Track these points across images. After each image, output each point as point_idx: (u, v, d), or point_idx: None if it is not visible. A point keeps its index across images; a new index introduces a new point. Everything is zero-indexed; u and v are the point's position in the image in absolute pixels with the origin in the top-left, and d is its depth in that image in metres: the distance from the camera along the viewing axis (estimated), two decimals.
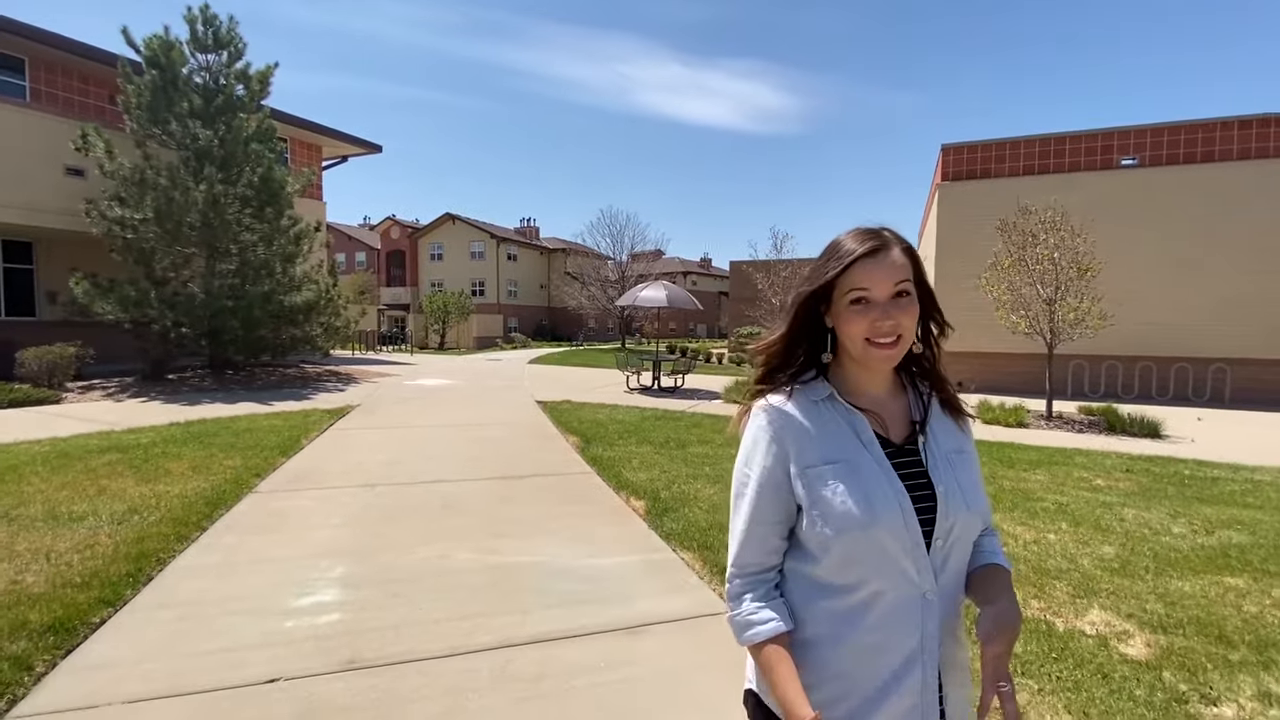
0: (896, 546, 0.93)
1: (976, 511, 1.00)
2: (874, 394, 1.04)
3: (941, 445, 1.03)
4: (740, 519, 1.01)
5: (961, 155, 14.21)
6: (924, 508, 0.96)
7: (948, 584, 0.98)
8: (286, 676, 2.42)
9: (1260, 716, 2.34)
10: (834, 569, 0.96)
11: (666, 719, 2.23)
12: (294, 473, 5.51)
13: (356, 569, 3.47)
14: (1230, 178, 12.26)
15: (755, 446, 1.01)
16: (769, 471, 0.98)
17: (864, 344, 0.97)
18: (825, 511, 0.94)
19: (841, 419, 1.00)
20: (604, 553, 3.82)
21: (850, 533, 0.93)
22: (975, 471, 1.04)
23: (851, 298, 0.97)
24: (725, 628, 2.71)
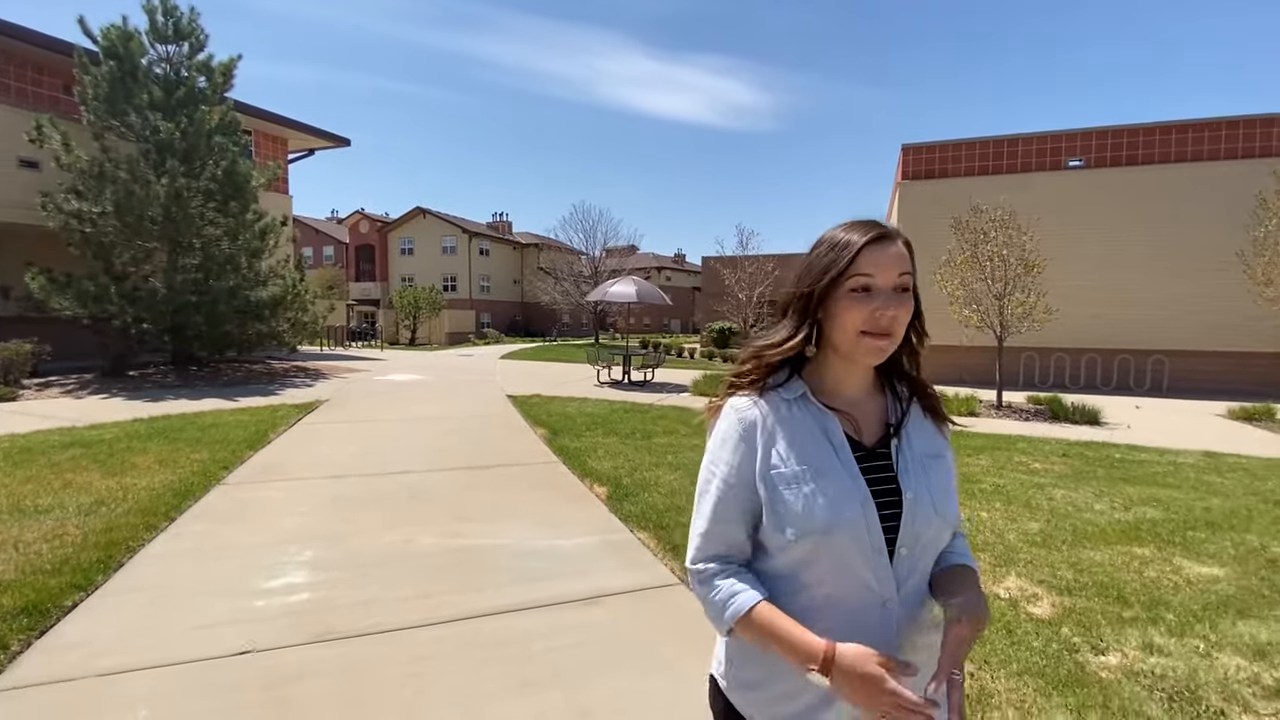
0: (856, 552, 0.92)
1: (946, 519, 0.98)
2: (850, 394, 1.02)
3: (916, 449, 1.00)
4: (703, 516, 0.99)
5: (920, 155, 14.68)
6: (893, 513, 0.94)
7: (911, 593, 0.96)
8: (259, 648, 2.57)
9: (1140, 663, 2.64)
10: (792, 568, 0.95)
11: (617, 675, 2.45)
12: (262, 465, 5.59)
13: (325, 553, 3.61)
14: (1169, 179, 12.92)
15: (723, 444, 1.00)
16: (735, 470, 0.97)
17: (856, 336, 0.95)
18: (785, 514, 0.93)
19: (813, 419, 0.98)
20: (565, 534, 4.02)
21: (809, 536, 0.91)
22: (950, 478, 1.02)
23: (853, 285, 0.94)
24: (675, 597, 2.95)
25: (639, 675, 2.45)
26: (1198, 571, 3.72)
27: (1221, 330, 12.59)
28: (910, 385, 1.05)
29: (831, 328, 0.97)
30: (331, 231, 54.29)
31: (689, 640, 2.73)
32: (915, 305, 0.99)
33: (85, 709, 2.17)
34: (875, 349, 0.94)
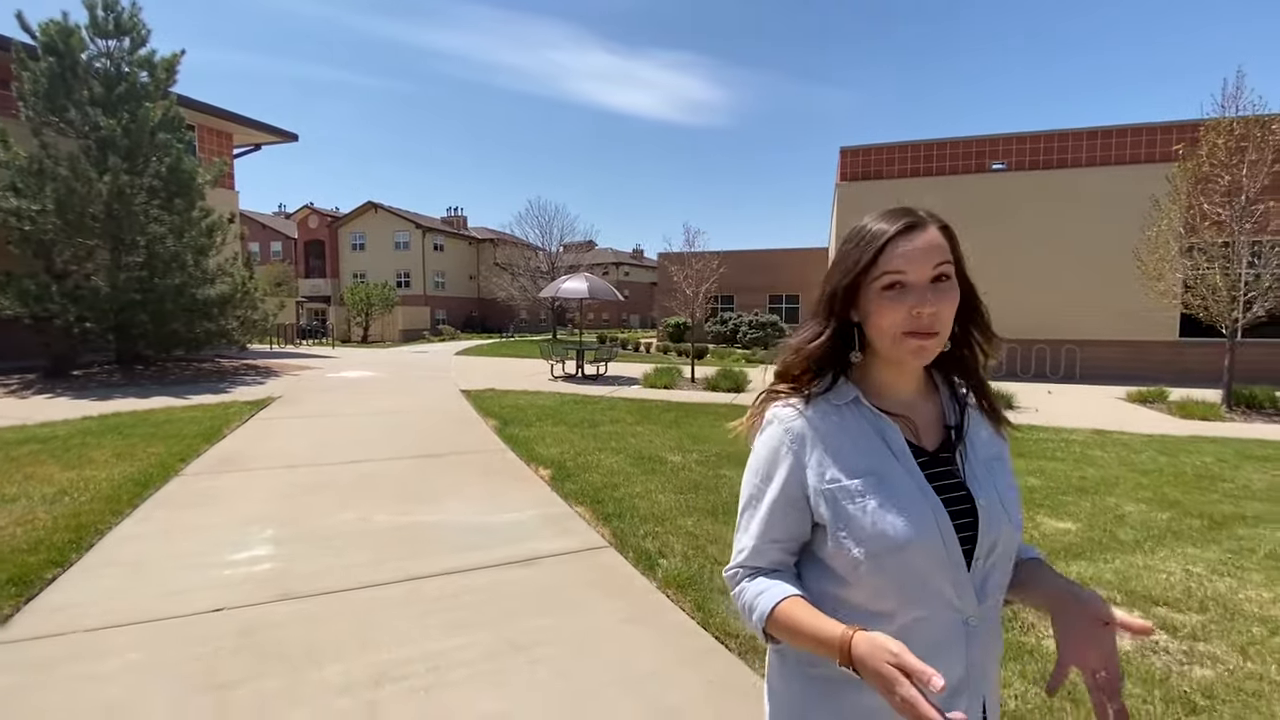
0: (934, 568, 0.85)
1: (1017, 523, 0.91)
2: (903, 397, 0.95)
3: (979, 453, 0.93)
4: (748, 533, 0.94)
5: (858, 157, 15.50)
6: (962, 523, 0.87)
7: (990, 606, 0.89)
8: (229, 606, 2.92)
9: None
10: (867, 594, 0.87)
11: (541, 618, 2.89)
12: (218, 457, 5.82)
13: (283, 531, 3.94)
14: (1079, 182, 14.03)
15: (770, 458, 0.92)
16: (783, 486, 0.90)
17: (898, 337, 0.87)
18: (853, 532, 0.85)
19: (869, 426, 0.91)
20: (508, 510, 4.44)
21: (882, 555, 0.84)
22: (1014, 479, 0.95)
23: (884, 283, 0.87)
24: (600, 557, 3.46)
25: (560, 617, 2.91)
26: (1054, 526, 4.39)
27: (1126, 321, 13.77)
28: (967, 383, 0.98)
29: (871, 330, 0.90)
30: (279, 227, 52.82)
31: (605, 589, 3.21)
32: (970, 295, 0.93)
33: (80, 656, 2.50)
34: (919, 350, 0.87)
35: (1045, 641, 2.70)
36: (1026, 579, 0.93)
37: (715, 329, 29.38)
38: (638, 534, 3.90)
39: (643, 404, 9.90)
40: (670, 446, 6.63)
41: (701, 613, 2.90)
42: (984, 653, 0.88)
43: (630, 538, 3.85)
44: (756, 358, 20.50)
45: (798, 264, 29.61)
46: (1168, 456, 6.64)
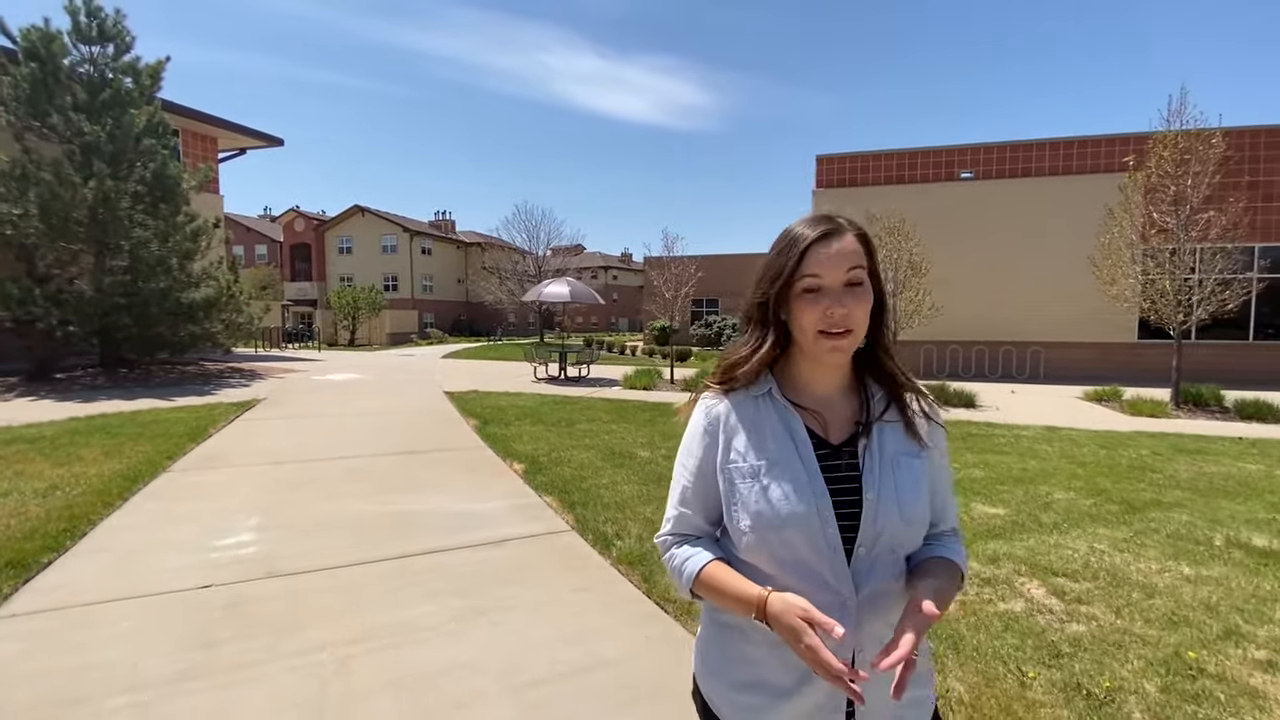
0: (810, 549, 0.92)
1: (911, 520, 0.96)
2: (821, 393, 1.01)
3: (888, 449, 0.98)
4: (671, 503, 1.05)
5: (833, 165, 15.95)
6: (849, 512, 0.94)
7: (875, 593, 0.94)
8: (217, 583, 3.20)
9: None
10: (757, 560, 0.96)
11: (507, 589, 3.20)
12: (205, 455, 6.05)
13: (269, 519, 4.21)
14: (1043, 190, 14.57)
15: (691, 438, 1.04)
16: (700, 463, 1.01)
17: (815, 335, 0.94)
18: (742, 506, 0.95)
19: (777, 416, 0.98)
20: (483, 500, 4.74)
21: (764, 530, 0.93)
22: (921, 478, 0.98)
23: (804, 286, 0.94)
24: (563, 540, 3.80)
25: (521, 588, 3.21)
26: (985, 511, 4.76)
27: (1087, 324, 14.30)
28: (887, 384, 1.02)
29: (793, 328, 0.97)
30: (264, 230, 52.60)
31: (565, 565, 3.52)
32: (878, 298, 0.98)
33: (79, 626, 2.77)
34: (833, 348, 0.94)
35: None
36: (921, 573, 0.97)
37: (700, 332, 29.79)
38: (599, 519, 4.22)
39: (620, 404, 10.21)
40: (641, 443, 6.95)
41: (647, 584, 3.22)
42: (865, 636, 0.92)
43: (592, 522, 4.16)
44: None
45: None
46: (1107, 450, 7.06)
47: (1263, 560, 3.81)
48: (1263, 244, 13.89)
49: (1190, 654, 2.63)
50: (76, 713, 2.15)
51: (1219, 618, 3.00)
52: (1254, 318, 14.11)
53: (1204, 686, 2.42)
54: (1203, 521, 4.57)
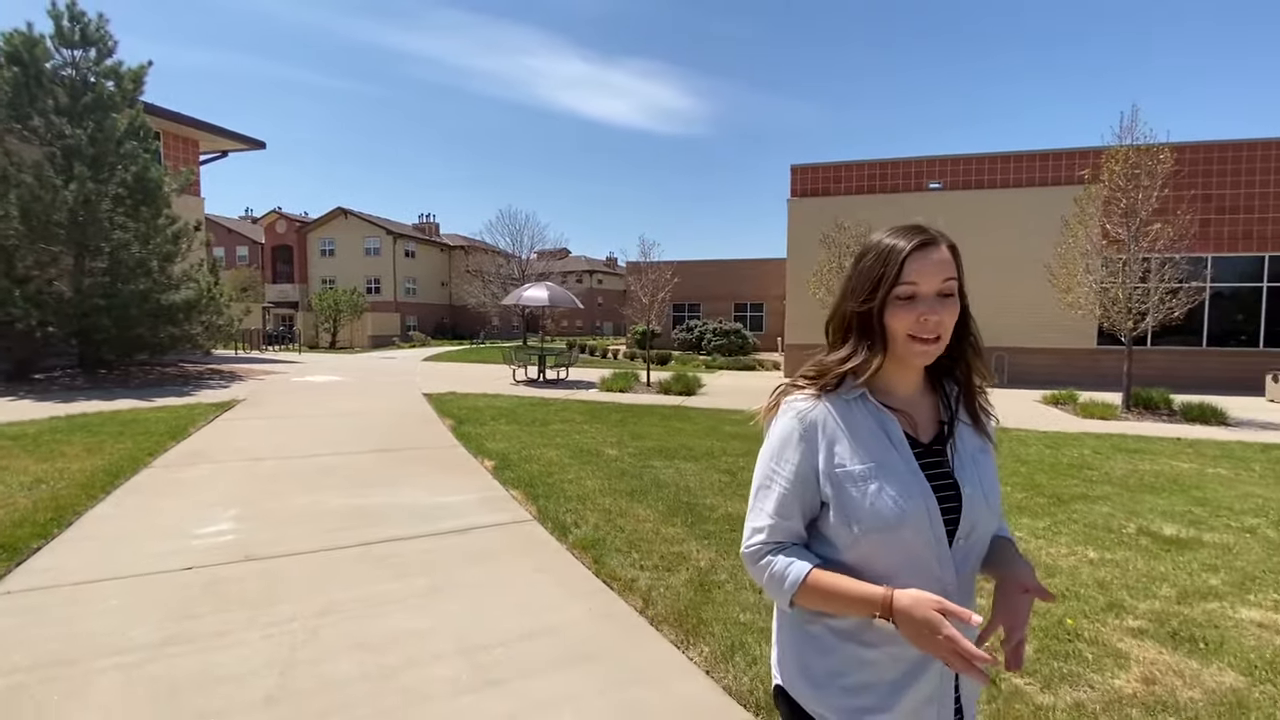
0: (920, 543, 0.96)
1: (994, 509, 1.03)
2: (904, 394, 1.05)
3: (967, 445, 1.05)
4: (764, 511, 1.02)
5: (808, 174, 16.40)
6: (947, 506, 0.99)
7: (966, 578, 1.01)
8: (198, 566, 3.44)
9: None
10: (859, 562, 0.98)
11: (468, 570, 3.47)
12: (185, 452, 6.25)
13: (247, 510, 4.45)
14: (1006, 201, 15.11)
15: (785, 443, 1.02)
16: (797, 469, 1.00)
17: (905, 339, 0.98)
18: (853, 512, 0.96)
19: (872, 418, 1.01)
20: (452, 494, 5.00)
21: (878, 533, 0.95)
22: (995, 470, 1.07)
23: (899, 293, 0.98)
24: (525, 529, 4.10)
25: (481, 569, 3.50)
26: None
27: (1049, 330, 14.84)
28: (958, 386, 1.08)
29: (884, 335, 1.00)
30: (245, 231, 52.24)
31: (523, 550, 3.81)
32: (966, 310, 1.04)
33: (69, 602, 3.00)
34: (923, 353, 0.98)
35: None
36: (990, 553, 1.07)
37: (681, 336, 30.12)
38: (560, 511, 4.50)
39: (595, 406, 10.49)
40: (610, 442, 7.24)
41: (597, 564, 3.52)
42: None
43: (553, 513, 4.45)
44: (716, 363, 21.26)
45: (760, 274, 30.55)
46: (1052, 450, 7.47)
47: (1166, 546, 4.19)
48: (1215, 254, 14.52)
49: (1069, 621, 2.98)
50: (70, 671, 2.40)
51: (1108, 593, 3.36)
52: (1207, 325, 14.73)
53: (1075, 648, 2.76)
54: (1122, 513, 4.95)
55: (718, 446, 7.12)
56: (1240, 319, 14.72)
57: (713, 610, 2.97)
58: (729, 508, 4.71)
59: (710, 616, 2.90)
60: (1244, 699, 2.41)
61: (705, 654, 2.62)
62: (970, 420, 1.07)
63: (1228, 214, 14.39)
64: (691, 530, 4.18)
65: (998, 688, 2.42)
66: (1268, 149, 14.16)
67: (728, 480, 5.58)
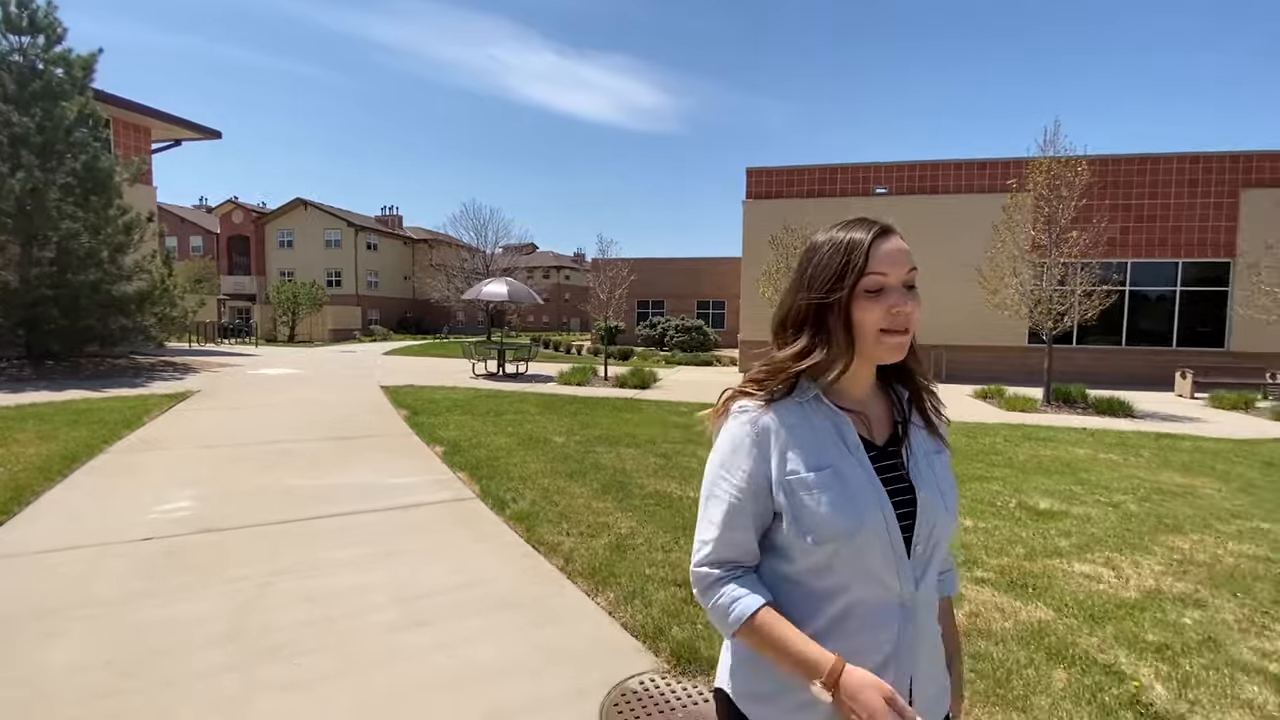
0: (877, 553, 0.91)
1: (954, 514, 0.99)
2: (858, 394, 1.01)
3: (921, 446, 1.01)
4: (713, 523, 0.96)
5: (762, 177, 17.01)
6: (903, 511, 0.94)
7: (925, 589, 0.97)
8: (156, 537, 3.74)
9: None
10: (813, 573, 0.94)
11: (412, 539, 3.84)
12: (140, 440, 6.42)
13: (203, 490, 4.72)
14: (945, 206, 15.96)
15: (735, 450, 0.96)
16: (749, 477, 0.94)
17: (876, 334, 0.93)
18: (808, 520, 0.91)
19: (827, 420, 0.96)
20: (401, 476, 5.34)
21: (833, 542, 0.90)
22: (950, 472, 1.03)
23: (867, 285, 0.93)
24: (467, 505, 4.50)
25: (424, 538, 3.87)
26: None
27: (984, 329, 15.74)
28: (909, 385, 1.05)
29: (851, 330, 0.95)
30: (200, 221, 50.75)
31: (463, 522, 4.21)
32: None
33: (38, 568, 3.28)
34: (896, 346, 0.94)
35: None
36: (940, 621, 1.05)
37: (645, 332, 30.60)
38: (501, 489, 4.89)
39: (551, 398, 10.86)
40: (559, 431, 7.64)
41: (529, 533, 3.93)
42: (916, 633, 0.94)
43: (494, 491, 4.83)
44: (675, 359, 21.81)
45: (722, 272, 31.19)
46: (968, 438, 8.14)
47: (1035, 517, 4.79)
48: (1134, 259, 15.62)
49: None
50: (46, 620, 2.71)
51: (968, 553, 3.91)
52: (1126, 326, 15.84)
53: None
54: (1008, 490, 5.58)
55: (660, 435, 7.58)
56: (1156, 320, 15.87)
57: (623, 566, 3.41)
58: (657, 486, 5.17)
59: (620, 571, 3.34)
60: (1047, 627, 2.95)
61: (610, 599, 3.06)
62: (923, 423, 1.04)
63: (1145, 222, 15.50)
64: (619, 504, 4.62)
65: None
66: (1181, 162, 15.30)
67: (663, 463, 6.04)
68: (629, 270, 14.10)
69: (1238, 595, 3.35)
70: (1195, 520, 4.80)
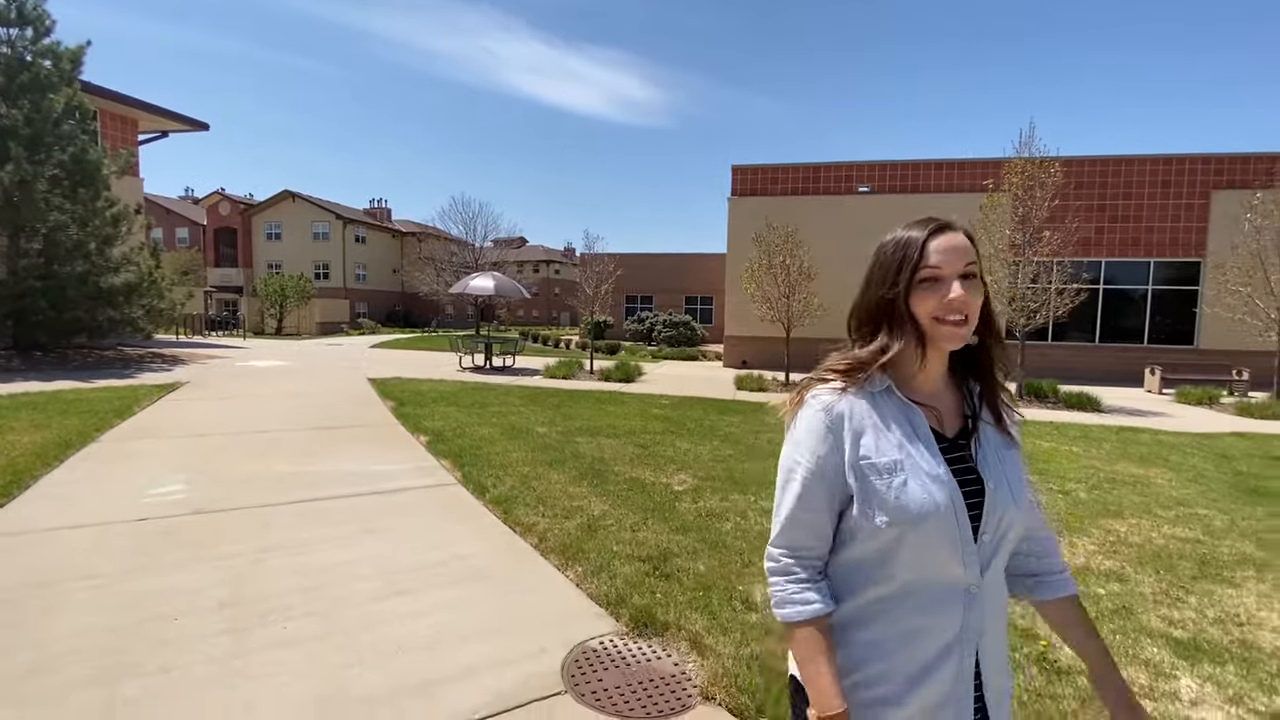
0: (945, 539, 0.95)
1: (1021, 505, 1.01)
2: (929, 389, 1.05)
3: (991, 441, 1.04)
4: (788, 505, 1.01)
5: (747, 175, 17.24)
6: (972, 502, 0.98)
7: (993, 577, 1.00)
8: (153, 517, 3.94)
9: (724, 501, 4.62)
10: (878, 554, 0.98)
11: (394, 519, 4.06)
12: (133, 429, 6.58)
13: (195, 476, 4.91)
14: (929, 206, 16.24)
15: (810, 435, 1.00)
16: (824, 461, 0.99)
17: (932, 322, 0.98)
18: (879, 505, 0.95)
19: (899, 412, 1.01)
20: (388, 463, 5.55)
21: (901, 525, 0.94)
22: (1021, 467, 1.05)
23: (922, 277, 0.98)
24: (448, 489, 4.74)
25: (406, 519, 4.10)
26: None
27: None
28: (980, 381, 1.07)
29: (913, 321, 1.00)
30: (186, 212, 50.31)
31: (445, 505, 4.43)
32: (987, 300, 1.02)
33: (39, 544, 3.47)
34: (951, 334, 0.98)
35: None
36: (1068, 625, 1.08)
37: (633, 327, 30.82)
38: (482, 476, 5.12)
39: (535, 391, 11.07)
40: (542, 422, 7.86)
41: (506, 515, 4.17)
42: (982, 617, 0.98)
43: (475, 477, 5.06)
44: (661, 353, 22.06)
45: (710, 268, 31.44)
46: None
47: None
48: (1108, 259, 16.02)
49: None
50: (50, 590, 2.92)
51: None
52: (1100, 323, 16.26)
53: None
54: None
55: (640, 426, 7.83)
56: (1129, 318, 16.29)
57: (593, 544, 3.66)
58: (633, 473, 5.42)
59: (589, 548, 3.59)
60: None
61: (579, 572, 3.30)
62: (993, 419, 1.06)
63: (1120, 222, 15.89)
64: (594, 490, 4.86)
65: None
66: (1155, 164, 15.69)
67: (640, 452, 6.28)
68: (615, 265, 14.31)
69: (1159, 572, 3.65)
70: (1138, 507, 5.10)
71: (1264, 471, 6.74)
